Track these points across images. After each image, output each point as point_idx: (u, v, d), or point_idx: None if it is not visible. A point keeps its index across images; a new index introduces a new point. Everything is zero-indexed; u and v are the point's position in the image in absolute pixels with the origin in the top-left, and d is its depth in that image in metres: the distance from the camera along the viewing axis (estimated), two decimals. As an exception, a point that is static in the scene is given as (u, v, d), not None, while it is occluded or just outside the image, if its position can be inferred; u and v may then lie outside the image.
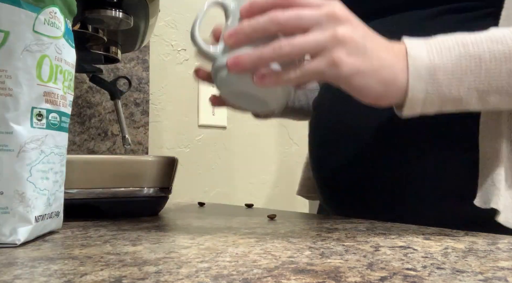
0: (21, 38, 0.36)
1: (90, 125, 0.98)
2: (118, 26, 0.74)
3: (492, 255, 0.31)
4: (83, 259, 0.30)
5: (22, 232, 0.35)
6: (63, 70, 0.40)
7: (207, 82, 0.51)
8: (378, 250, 0.33)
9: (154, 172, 0.56)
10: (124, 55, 1.02)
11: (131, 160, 0.56)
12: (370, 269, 0.27)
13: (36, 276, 0.25)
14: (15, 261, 0.30)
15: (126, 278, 0.25)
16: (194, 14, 0.44)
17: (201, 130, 1.16)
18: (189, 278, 0.24)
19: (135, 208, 0.56)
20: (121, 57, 0.86)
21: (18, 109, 0.35)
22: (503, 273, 0.26)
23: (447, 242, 0.36)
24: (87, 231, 0.43)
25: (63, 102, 0.40)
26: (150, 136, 1.07)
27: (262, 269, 0.27)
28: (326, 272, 0.26)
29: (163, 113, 1.10)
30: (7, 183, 0.35)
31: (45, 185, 0.37)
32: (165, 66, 1.11)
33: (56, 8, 0.39)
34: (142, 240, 0.38)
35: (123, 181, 0.54)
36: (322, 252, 0.32)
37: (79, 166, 0.52)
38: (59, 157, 0.40)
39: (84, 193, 0.52)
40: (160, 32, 1.10)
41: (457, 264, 0.28)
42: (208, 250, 0.33)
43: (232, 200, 1.19)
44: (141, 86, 1.06)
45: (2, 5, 0.35)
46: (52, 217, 0.39)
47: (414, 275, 0.25)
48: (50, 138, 0.38)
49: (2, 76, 0.35)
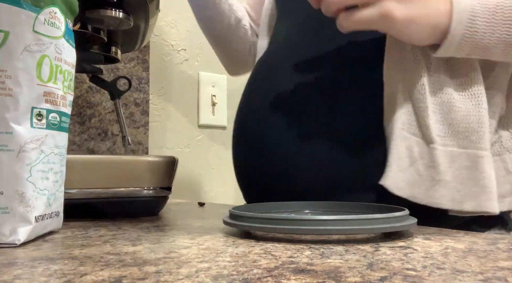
0: (21, 38, 0.36)
1: (90, 125, 0.98)
2: (118, 26, 0.74)
3: (492, 255, 0.31)
4: (83, 259, 0.30)
5: (22, 232, 0.35)
6: (63, 70, 0.40)
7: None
8: (378, 250, 0.33)
9: (154, 172, 0.56)
10: (124, 55, 1.02)
11: (131, 160, 0.56)
12: (370, 269, 0.27)
13: (36, 276, 0.25)
14: (15, 261, 0.30)
15: (126, 278, 0.25)
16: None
17: (201, 130, 1.16)
18: (189, 278, 0.24)
19: (135, 208, 0.56)
20: (121, 57, 0.86)
21: (18, 109, 0.35)
22: (503, 273, 0.26)
23: (447, 242, 0.36)
24: (87, 231, 0.43)
25: (63, 102, 0.40)
26: (150, 136, 1.07)
27: (262, 269, 0.27)
28: (326, 272, 0.26)
29: (163, 113, 1.10)
30: (7, 183, 0.35)
31: (45, 185, 0.37)
32: (165, 66, 1.11)
33: (56, 8, 0.39)
34: (142, 240, 0.38)
35: (123, 181, 0.54)
36: (322, 252, 0.32)
37: (79, 166, 0.52)
38: (59, 157, 0.40)
39: (84, 193, 0.52)
40: (160, 32, 1.10)
41: (457, 264, 0.28)
42: (208, 250, 0.33)
43: (232, 200, 1.19)
44: (141, 86, 1.06)
45: (2, 5, 0.35)
46: (52, 217, 0.39)
47: (414, 275, 0.25)
48: (50, 138, 0.38)
49: (2, 76, 0.35)
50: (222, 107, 1.19)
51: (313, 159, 0.55)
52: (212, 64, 1.18)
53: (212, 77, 1.17)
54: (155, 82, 1.09)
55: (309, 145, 0.55)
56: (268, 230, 0.37)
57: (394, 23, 0.45)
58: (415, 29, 0.46)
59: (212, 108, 1.17)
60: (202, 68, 1.16)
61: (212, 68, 1.18)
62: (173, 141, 1.11)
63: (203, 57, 1.17)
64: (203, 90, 1.16)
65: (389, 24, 0.45)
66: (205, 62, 1.17)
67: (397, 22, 0.45)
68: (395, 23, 0.45)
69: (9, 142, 0.35)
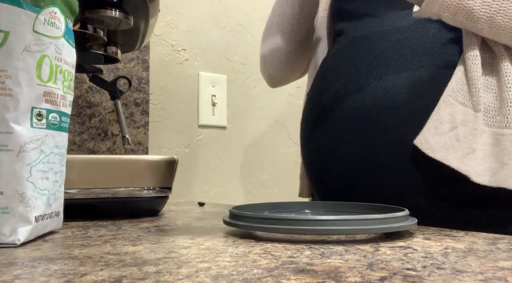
0: (21, 38, 0.36)
1: (90, 125, 0.98)
2: (118, 26, 0.74)
3: (492, 255, 0.31)
4: (83, 259, 0.30)
5: (22, 232, 0.35)
6: (63, 70, 0.40)
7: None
8: (378, 250, 0.33)
9: (154, 172, 0.56)
10: (124, 55, 1.02)
11: (131, 160, 0.56)
12: (370, 269, 0.27)
13: (36, 276, 0.25)
14: (15, 261, 0.30)
15: (126, 278, 0.25)
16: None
17: (201, 130, 1.16)
18: (189, 278, 0.24)
19: (135, 208, 0.56)
20: (121, 57, 0.86)
21: (18, 109, 0.35)
22: (503, 273, 0.26)
23: (447, 242, 0.36)
24: (87, 231, 0.43)
25: (63, 102, 0.40)
26: (150, 136, 1.07)
27: (262, 269, 0.27)
28: (326, 272, 0.26)
29: (163, 113, 1.10)
30: (7, 183, 0.35)
31: (45, 185, 0.37)
32: (165, 66, 1.11)
33: (56, 8, 0.39)
34: (142, 240, 0.37)
35: (123, 181, 0.54)
36: (322, 252, 0.32)
37: (79, 166, 0.52)
38: (59, 157, 0.40)
39: (84, 193, 0.52)
40: (160, 32, 1.10)
41: (457, 264, 0.28)
42: (208, 250, 0.33)
43: (232, 200, 1.19)
44: (141, 86, 1.06)
45: (2, 5, 0.35)
46: (52, 217, 0.39)
47: (414, 275, 0.25)
48: (50, 138, 0.38)
49: (2, 76, 0.35)
50: (222, 107, 1.19)
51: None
52: (212, 64, 1.18)
53: (212, 77, 1.17)
54: (155, 82, 1.09)
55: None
56: (268, 230, 0.37)
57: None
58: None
59: (212, 108, 1.17)
60: (202, 68, 1.16)
61: (212, 68, 1.18)
62: (173, 141, 1.11)
63: (203, 57, 1.17)
64: (203, 90, 1.16)
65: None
66: (205, 62, 1.17)
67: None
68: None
69: (9, 142, 0.35)
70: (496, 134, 0.50)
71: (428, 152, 0.50)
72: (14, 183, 0.35)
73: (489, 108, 0.51)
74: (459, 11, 0.49)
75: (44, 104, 0.37)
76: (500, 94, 0.51)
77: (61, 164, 0.41)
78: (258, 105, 1.27)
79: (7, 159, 0.35)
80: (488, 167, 0.49)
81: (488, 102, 0.51)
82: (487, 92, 0.51)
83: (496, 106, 0.51)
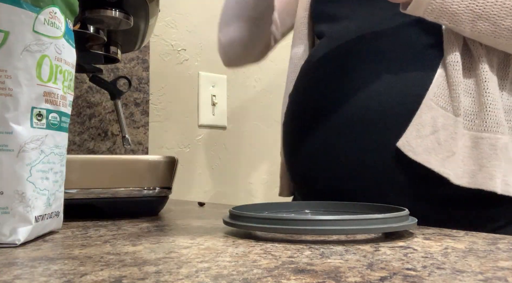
0: (21, 38, 0.36)
1: (90, 125, 0.98)
2: (118, 26, 0.74)
3: (492, 255, 0.31)
4: (83, 259, 0.30)
5: (22, 232, 0.35)
6: (63, 70, 0.40)
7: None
8: (378, 250, 0.33)
9: (154, 172, 0.56)
10: (124, 55, 1.02)
11: (131, 160, 0.56)
12: (370, 269, 0.27)
13: (36, 276, 0.25)
14: (15, 261, 0.30)
15: (126, 278, 0.25)
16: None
17: (201, 130, 1.16)
18: (189, 278, 0.24)
19: (135, 208, 0.56)
20: (121, 57, 0.86)
21: (18, 109, 0.35)
22: (503, 273, 0.26)
23: (447, 242, 0.36)
24: (87, 231, 0.43)
25: (63, 102, 0.40)
26: (150, 136, 1.07)
27: (262, 269, 0.27)
28: (326, 272, 0.26)
29: (163, 113, 1.10)
30: (7, 183, 0.35)
31: (45, 185, 0.37)
32: (165, 66, 1.11)
33: (56, 8, 0.39)
34: (142, 240, 0.38)
35: (123, 181, 0.54)
36: (322, 252, 0.32)
37: (79, 166, 0.52)
38: (59, 157, 0.40)
39: (84, 193, 0.52)
40: (160, 32, 1.10)
41: (457, 264, 0.28)
42: (208, 250, 0.33)
43: (232, 200, 1.19)
44: (141, 86, 1.06)
45: (2, 5, 0.35)
46: (52, 217, 0.39)
47: (414, 275, 0.25)
48: (50, 138, 0.38)
49: (2, 76, 0.35)
50: (222, 107, 1.19)
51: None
52: (212, 64, 1.18)
53: (212, 77, 1.18)
54: (155, 82, 1.09)
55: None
56: (268, 230, 0.37)
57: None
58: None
59: (212, 108, 1.17)
60: (202, 68, 1.16)
61: (212, 68, 1.18)
62: (173, 141, 1.11)
63: (203, 57, 1.17)
64: (203, 90, 1.16)
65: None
66: (205, 62, 1.17)
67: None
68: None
69: (9, 142, 0.35)
70: (475, 137, 0.52)
71: (410, 154, 0.51)
72: (14, 183, 0.35)
73: (468, 112, 0.53)
74: (443, 15, 0.51)
75: (44, 104, 0.37)
76: (479, 98, 0.53)
77: (61, 164, 0.41)
78: (258, 105, 1.27)
79: (7, 159, 0.35)
80: (467, 170, 0.51)
81: (467, 106, 0.53)
82: (466, 96, 0.53)
83: (475, 110, 0.53)
